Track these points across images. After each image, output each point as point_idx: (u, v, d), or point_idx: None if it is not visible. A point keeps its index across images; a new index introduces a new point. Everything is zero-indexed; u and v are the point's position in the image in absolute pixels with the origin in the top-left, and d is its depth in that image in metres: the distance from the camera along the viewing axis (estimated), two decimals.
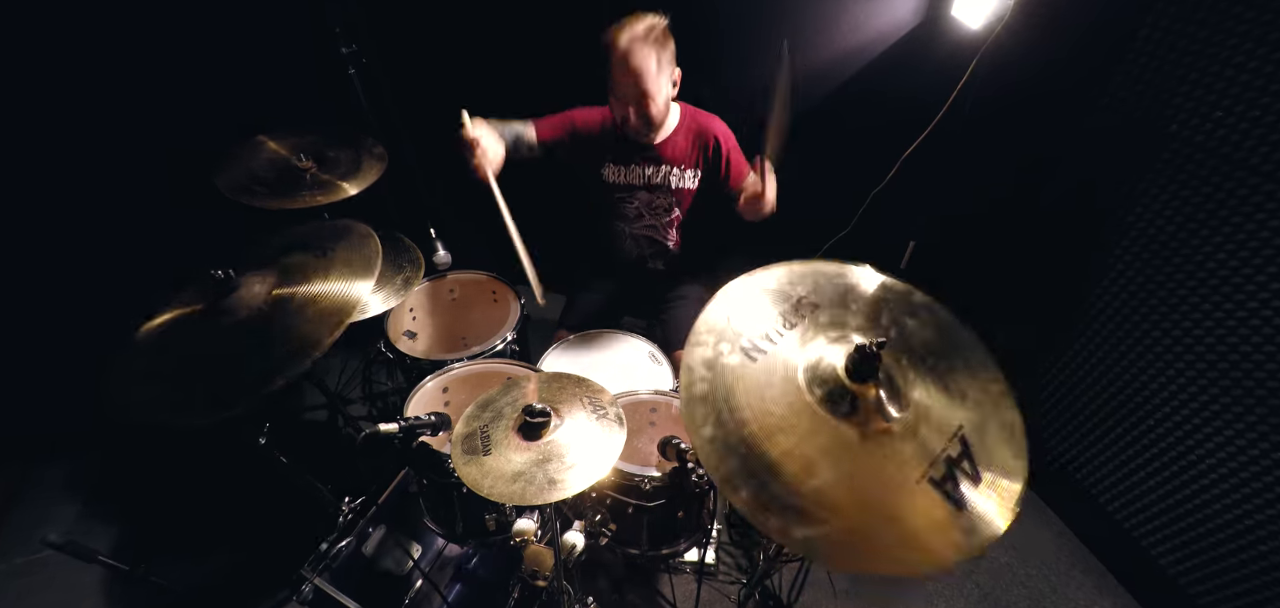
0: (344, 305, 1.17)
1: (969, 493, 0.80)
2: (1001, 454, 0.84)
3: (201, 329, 1.18)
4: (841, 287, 1.06)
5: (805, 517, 0.77)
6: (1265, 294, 1.42)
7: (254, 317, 1.17)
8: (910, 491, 0.80)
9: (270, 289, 1.22)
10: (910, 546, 0.77)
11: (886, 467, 0.82)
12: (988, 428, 0.87)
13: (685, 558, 1.81)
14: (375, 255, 1.29)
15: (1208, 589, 1.65)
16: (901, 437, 0.85)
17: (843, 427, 0.85)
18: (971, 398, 0.91)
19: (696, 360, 0.93)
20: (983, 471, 0.82)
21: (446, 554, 1.53)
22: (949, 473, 0.81)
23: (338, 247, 1.34)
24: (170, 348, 1.18)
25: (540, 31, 2.26)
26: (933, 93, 1.94)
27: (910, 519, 0.78)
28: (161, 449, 2.20)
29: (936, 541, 0.77)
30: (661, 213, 1.82)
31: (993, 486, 0.81)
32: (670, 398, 1.50)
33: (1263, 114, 1.37)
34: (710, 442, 0.84)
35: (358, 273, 1.25)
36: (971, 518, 0.78)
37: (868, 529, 0.78)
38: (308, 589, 1.31)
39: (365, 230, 1.38)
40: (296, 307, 1.18)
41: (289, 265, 1.28)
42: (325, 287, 1.22)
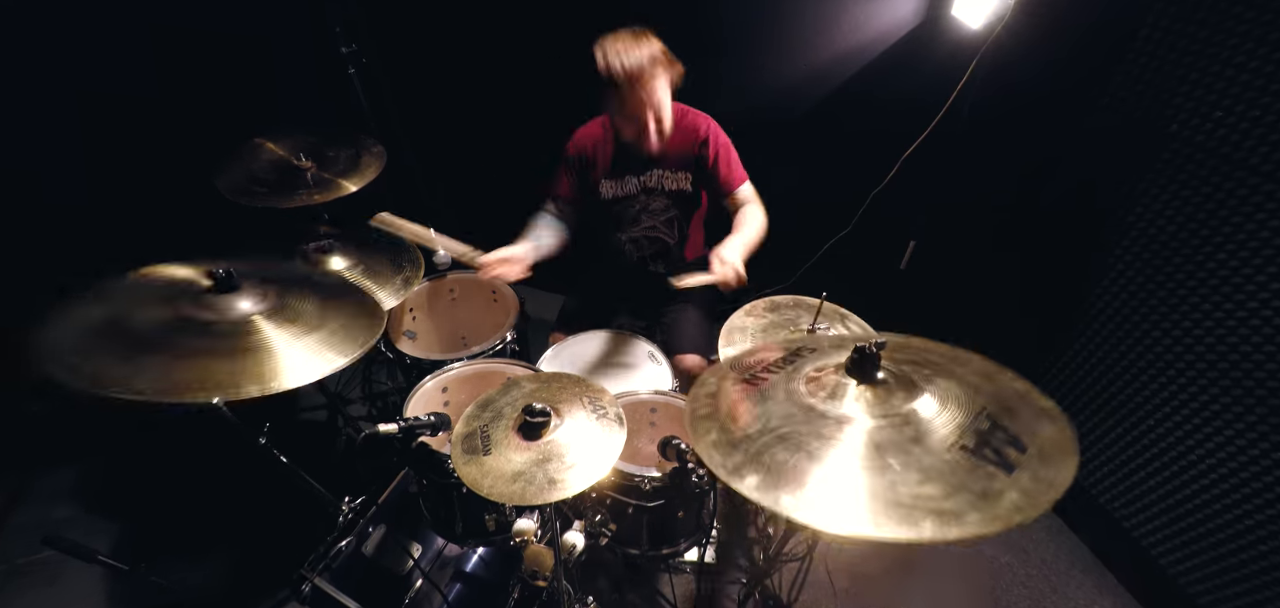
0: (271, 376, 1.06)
1: (1013, 456, 0.76)
2: (1042, 425, 0.81)
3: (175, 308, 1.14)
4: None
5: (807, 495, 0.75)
6: (1265, 294, 1.42)
7: (223, 325, 1.13)
8: (944, 465, 0.75)
9: (255, 311, 1.17)
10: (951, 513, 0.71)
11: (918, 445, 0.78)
12: (1019, 412, 0.83)
13: (685, 558, 1.81)
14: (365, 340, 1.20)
15: (1208, 589, 1.65)
16: (921, 425, 0.82)
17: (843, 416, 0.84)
18: (986, 388, 0.88)
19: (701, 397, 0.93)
20: (1023, 438, 0.79)
21: (446, 554, 1.53)
22: (982, 442, 0.78)
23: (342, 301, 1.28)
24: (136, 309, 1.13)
25: (540, 31, 2.26)
26: (933, 93, 1.94)
27: (945, 487, 0.73)
28: (162, 450, 2.20)
29: (981, 506, 0.71)
30: (659, 214, 1.82)
31: (1039, 448, 0.77)
32: (670, 398, 1.50)
33: (1263, 114, 1.37)
34: (713, 445, 0.84)
35: (337, 344, 1.17)
36: (1024, 478, 0.73)
37: (900, 499, 0.72)
38: (308, 589, 1.31)
39: (377, 310, 1.30)
40: (255, 344, 1.11)
41: (289, 304, 1.22)
42: (298, 338, 1.15)
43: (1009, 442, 0.78)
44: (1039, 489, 0.72)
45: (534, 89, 2.39)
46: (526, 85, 2.41)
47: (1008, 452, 0.77)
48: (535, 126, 2.22)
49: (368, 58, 2.11)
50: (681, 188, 1.76)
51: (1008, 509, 0.70)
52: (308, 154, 1.73)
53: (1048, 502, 0.71)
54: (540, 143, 1.90)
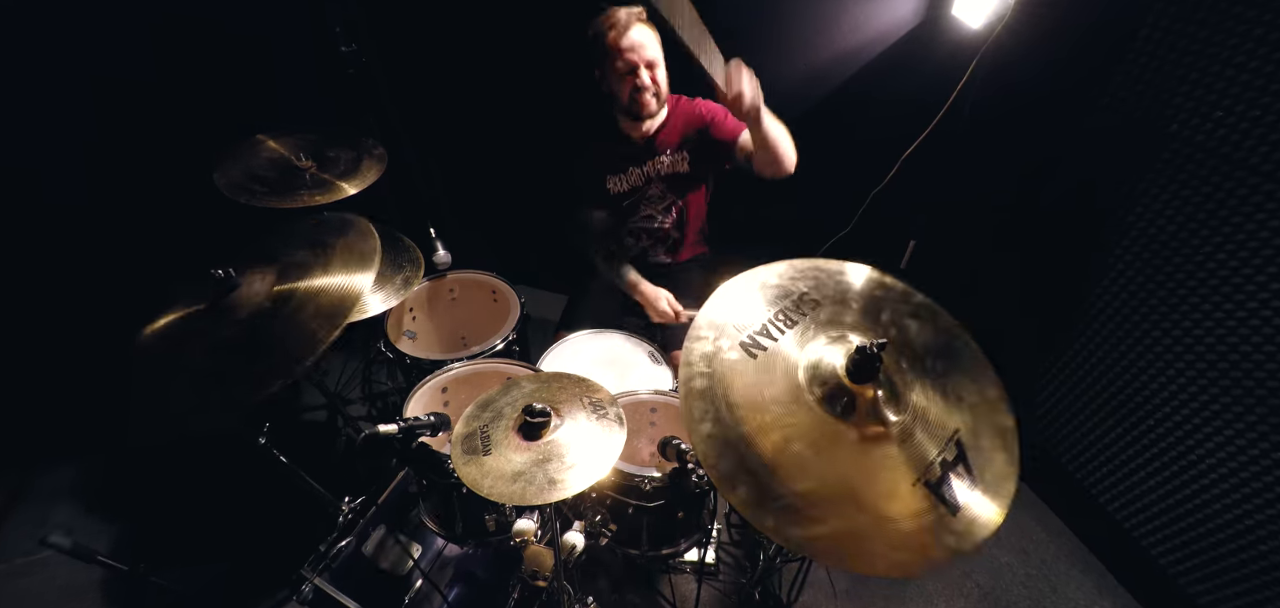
0: (345, 299, 1.16)
1: (963, 495, 0.81)
2: (996, 459, 0.86)
3: (204, 330, 1.18)
4: (842, 285, 1.06)
5: (800, 516, 0.78)
6: (1265, 294, 1.42)
7: (256, 315, 1.17)
8: (905, 494, 0.80)
9: (271, 286, 1.21)
10: (904, 547, 0.77)
11: (882, 469, 0.82)
12: (982, 432, 0.88)
13: (685, 558, 1.81)
14: (373, 249, 1.29)
15: (1208, 589, 1.65)
16: (898, 439, 0.85)
17: (841, 427, 0.85)
18: (968, 402, 0.91)
19: (696, 355, 0.93)
20: (977, 474, 0.83)
21: (446, 554, 1.52)
22: (944, 477, 0.82)
23: (337, 241, 1.33)
24: (176, 354, 1.17)
25: (541, 30, 2.25)
26: (933, 93, 1.94)
27: (904, 521, 0.79)
28: (161, 450, 2.19)
29: (929, 541, 0.77)
30: (656, 201, 1.83)
31: (986, 489, 0.82)
32: (670, 398, 1.50)
33: (1263, 114, 1.37)
34: (708, 438, 0.84)
35: (358, 266, 1.25)
36: (965, 520, 0.79)
37: (862, 530, 0.78)
38: (308, 589, 1.31)
39: (362, 224, 1.38)
40: (298, 303, 1.18)
41: (289, 262, 1.27)
42: (326, 281, 1.22)
43: (965, 477, 0.83)
44: (967, 534, 0.79)
45: (534, 89, 2.39)
46: (527, 85, 2.40)
47: (956, 493, 0.82)
48: (536, 126, 2.22)
49: (368, 58, 2.10)
50: (679, 170, 1.78)
51: (938, 550, 0.77)
52: (308, 153, 1.72)
53: (970, 545, 0.78)
54: (540, 142, 1.90)
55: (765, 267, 1.09)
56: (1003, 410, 0.91)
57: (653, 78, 1.58)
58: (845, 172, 2.22)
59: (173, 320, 1.24)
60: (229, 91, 2.20)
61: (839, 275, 1.06)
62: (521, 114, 2.47)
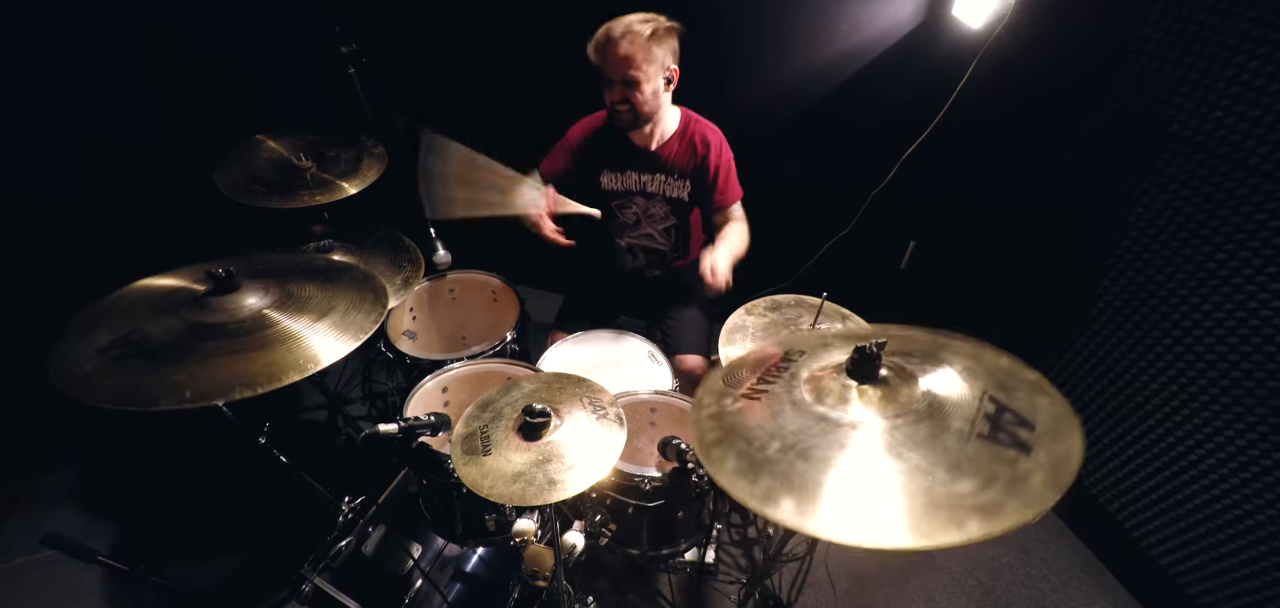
0: (303, 360, 1.09)
1: (1026, 436, 0.74)
2: (1041, 403, 0.79)
3: (183, 316, 1.14)
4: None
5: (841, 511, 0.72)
6: (1265, 294, 1.42)
7: (230, 327, 1.13)
8: (968, 455, 0.74)
9: (263, 306, 1.18)
10: (991, 506, 0.68)
11: (935, 440, 0.76)
12: (1014, 388, 0.82)
13: (685, 558, 1.81)
14: (374, 317, 1.22)
15: (1208, 589, 1.65)
16: (929, 414, 0.80)
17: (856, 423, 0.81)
18: (981, 374, 0.86)
19: (704, 419, 0.90)
20: (1028, 415, 0.77)
21: (446, 554, 1.52)
22: (996, 426, 0.76)
23: (344, 288, 1.28)
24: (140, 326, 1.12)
25: (540, 30, 2.26)
26: (933, 93, 1.94)
27: (979, 479, 0.71)
28: (162, 450, 2.19)
29: (1015, 491, 0.69)
30: (657, 221, 1.82)
31: (1045, 424, 0.76)
32: (670, 398, 1.50)
33: (1263, 114, 1.37)
34: (735, 473, 0.80)
35: (347, 328, 1.19)
36: (1042, 456, 0.72)
37: (943, 500, 0.69)
38: (308, 589, 1.31)
39: (380, 287, 1.31)
40: (276, 337, 1.12)
41: (292, 292, 1.23)
42: (311, 328, 1.16)
43: (1017, 422, 0.76)
44: (1058, 465, 0.70)
45: (535, 88, 2.39)
46: (527, 84, 2.41)
47: (1020, 432, 0.75)
48: (536, 126, 2.21)
49: (368, 58, 2.10)
50: (680, 197, 1.76)
51: (1040, 491, 0.68)
52: (307, 153, 1.72)
53: (1070, 476, 0.69)
54: (541, 142, 1.90)
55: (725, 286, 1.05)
56: (1023, 367, 0.86)
57: (625, 97, 1.55)
58: (845, 171, 2.22)
59: (164, 286, 1.22)
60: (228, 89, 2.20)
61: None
62: (522, 113, 2.47)
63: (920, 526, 0.67)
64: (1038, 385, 0.83)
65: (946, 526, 0.66)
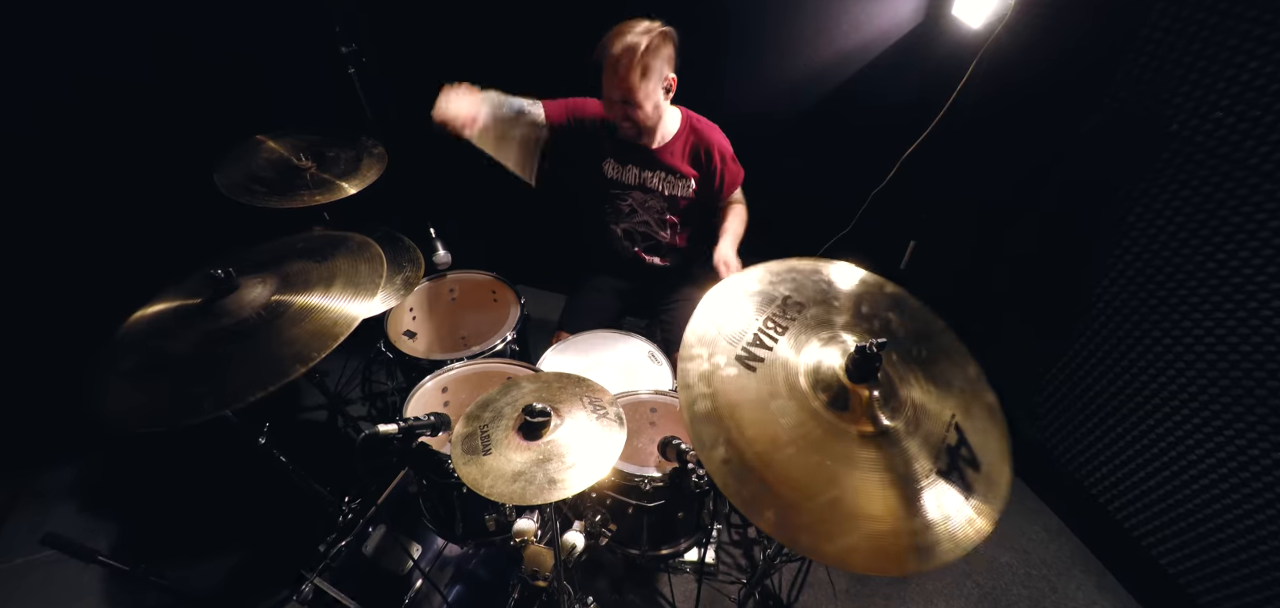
0: (340, 321, 1.13)
1: (972, 478, 0.82)
2: (992, 436, 0.88)
3: (196, 327, 1.16)
4: (821, 283, 1.06)
5: (833, 528, 0.76)
6: (1265, 294, 1.42)
7: (251, 321, 1.15)
8: (923, 487, 0.80)
9: (270, 294, 1.20)
10: (934, 537, 0.77)
11: (901, 467, 0.82)
12: (974, 411, 0.89)
13: (685, 558, 1.81)
14: (379, 270, 1.26)
15: (1208, 589, 1.65)
16: (908, 435, 0.84)
17: (852, 431, 0.85)
18: (956, 386, 0.92)
19: (694, 376, 0.90)
20: (979, 455, 0.84)
21: (446, 554, 1.52)
22: (953, 463, 0.82)
23: (338, 255, 1.31)
24: (162, 345, 1.15)
25: (540, 30, 2.25)
26: (933, 93, 1.94)
27: (930, 513, 0.78)
28: (161, 450, 2.19)
29: (953, 528, 0.78)
30: (655, 214, 1.82)
31: (989, 467, 0.84)
32: (670, 398, 1.50)
33: (1263, 114, 1.37)
34: (724, 464, 0.81)
35: (360, 288, 1.22)
36: (979, 501, 0.80)
37: (898, 531, 0.77)
38: (308, 589, 1.31)
39: (367, 243, 1.35)
40: (293, 316, 1.15)
41: (291, 272, 1.25)
42: (325, 299, 1.19)
43: (969, 460, 0.84)
44: (986, 508, 0.80)
45: (535, 88, 2.39)
46: (527, 84, 2.40)
47: (968, 473, 0.83)
48: None
49: (368, 58, 2.10)
50: (686, 195, 1.77)
51: (967, 532, 0.77)
52: (307, 154, 1.72)
53: (990, 525, 0.78)
54: None
55: (741, 274, 1.09)
56: (985, 387, 0.93)
57: (627, 116, 1.59)
58: (845, 172, 2.22)
59: (164, 310, 1.23)
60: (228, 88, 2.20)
61: (815, 275, 1.06)
62: None
63: (871, 560, 0.76)
64: (992, 410, 0.91)
65: (888, 560, 0.76)
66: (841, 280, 1.08)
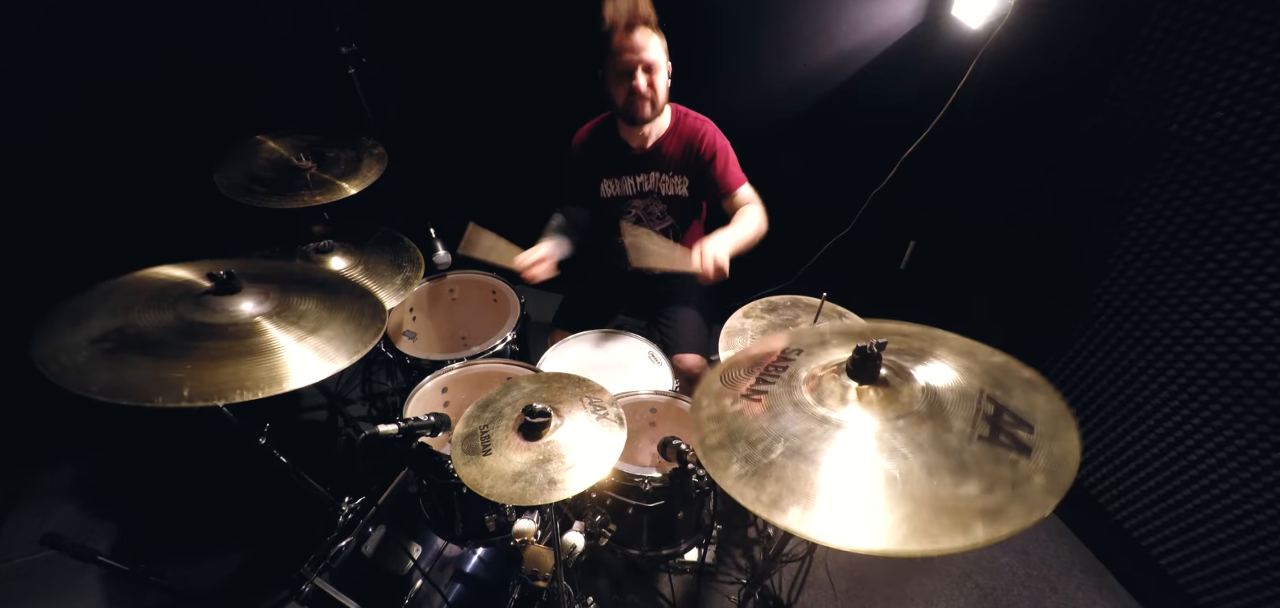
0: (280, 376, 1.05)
1: (1026, 438, 0.75)
2: (1038, 401, 0.80)
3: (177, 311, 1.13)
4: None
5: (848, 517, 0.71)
6: (1265, 294, 1.42)
7: (226, 328, 1.12)
8: (970, 457, 0.73)
9: (259, 312, 1.16)
10: (996, 509, 0.68)
11: (938, 443, 0.76)
12: (1011, 388, 0.82)
13: (685, 558, 1.81)
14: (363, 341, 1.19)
15: (1208, 589, 1.65)
16: (931, 415, 0.80)
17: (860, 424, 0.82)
18: (977, 371, 0.87)
19: (704, 418, 0.89)
20: (1027, 416, 0.77)
21: (446, 554, 1.52)
22: (995, 428, 0.76)
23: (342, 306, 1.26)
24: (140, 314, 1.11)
25: (540, 30, 2.26)
26: (933, 93, 1.94)
27: (982, 483, 0.71)
28: (161, 450, 2.20)
29: (1018, 495, 0.69)
30: (656, 220, 1.82)
31: (1046, 425, 0.76)
32: (670, 398, 1.50)
33: (1263, 114, 1.37)
34: (740, 479, 0.78)
35: (340, 344, 1.16)
36: (1042, 458, 0.72)
37: (949, 504, 0.69)
38: (308, 589, 1.31)
39: (379, 306, 1.29)
40: (255, 345, 1.10)
41: (290, 301, 1.21)
42: (300, 343, 1.13)
43: (1016, 423, 0.76)
44: (1057, 467, 0.71)
45: (535, 88, 2.39)
46: (527, 84, 2.41)
47: (1019, 434, 0.75)
48: (536, 126, 2.22)
49: (368, 58, 2.11)
50: (679, 193, 1.76)
51: (1040, 494, 0.68)
52: (307, 154, 1.72)
53: (1068, 478, 0.69)
54: (541, 141, 1.90)
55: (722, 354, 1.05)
56: (1018, 365, 0.86)
57: (650, 83, 1.55)
58: (845, 172, 2.22)
59: (166, 278, 1.22)
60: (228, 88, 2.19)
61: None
62: (522, 113, 2.48)
63: (928, 530, 0.66)
64: (1034, 384, 0.84)
65: (952, 531, 0.66)
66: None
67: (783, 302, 1.63)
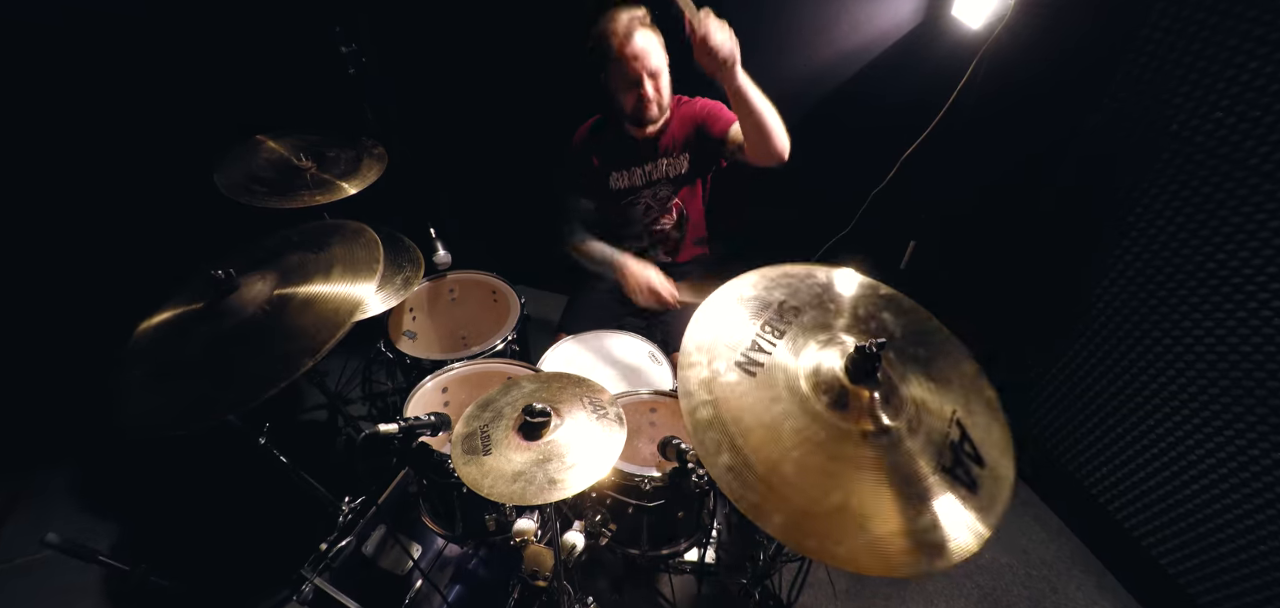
0: (344, 305, 1.15)
1: (976, 474, 0.82)
2: (993, 430, 0.88)
3: (202, 330, 1.17)
4: (815, 287, 1.06)
5: (841, 533, 0.76)
6: (1265, 294, 1.42)
7: (257, 317, 1.16)
8: (929, 486, 0.80)
9: (272, 288, 1.21)
10: (937, 536, 0.76)
11: (906, 465, 0.81)
12: (975, 407, 0.89)
13: (685, 558, 1.81)
14: (375, 253, 1.28)
15: (1208, 589, 1.65)
16: (910, 434, 0.84)
17: (855, 430, 0.84)
18: (955, 383, 0.92)
19: (694, 383, 0.90)
20: (983, 451, 0.84)
21: (446, 554, 1.52)
22: (957, 460, 0.82)
23: (334, 244, 1.32)
24: (172, 352, 1.16)
25: (540, 30, 2.25)
26: (933, 93, 1.94)
27: (934, 512, 0.78)
28: (162, 450, 2.19)
29: (957, 528, 0.77)
30: (663, 204, 1.84)
31: (993, 463, 0.84)
32: (670, 398, 1.50)
33: (1263, 114, 1.37)
34: (729, 470, 0.80)
35: (359, 271, 1.24)
36: (984, 497, 0.80)
37: (901, 531, 0.76)
38: (308, 589, 1.31)
39: (360, 228, 1.36)
40: (298, 306, 1.17)
41: (289, 265, 1.26)
42: (326, 287, 1.21)
43: (973, 456, 0.84)
44: (992, 506, 0.79)
45: (535, 88, 2.39)
46: (528, 84, 2.41)
47: (973, 469, 0.83)
48: (537, 126, 2.22)
49: (368, 58, 2.10)
50: (681, 171, 1.78)
51: (971, 533, 0.77)
52: (307, 153, 1.73)
53: (996, 519, 0.78)
54: (542, 141, 1.90)
55: (736, 280, 1.08)
56: (985, 383, 0.93)
57: (656, 87, 1.59)
58: (845, 172, 2.22)
59: (168, 318, 1.23)
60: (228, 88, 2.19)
61: (810, 279, 1.05)
62: (522, 113, 2.47)
63: (879, 561, 0.74)
64: (991, 405, 0.91)
65: (897, 562, 0.74)
66: (837, 284, 1.07)
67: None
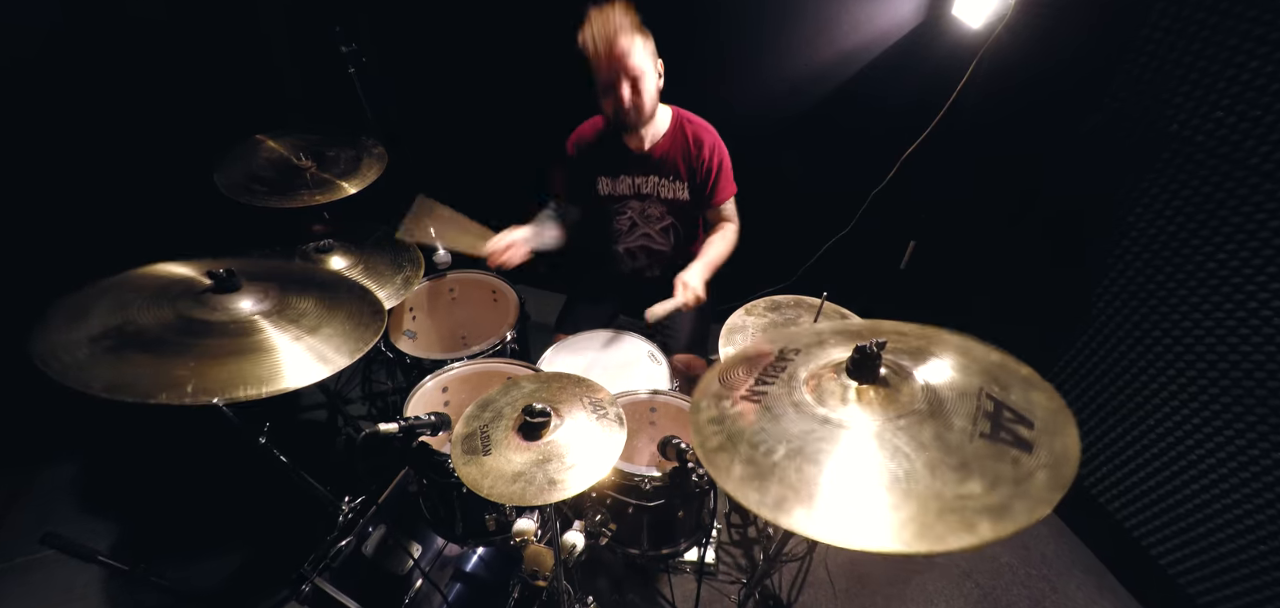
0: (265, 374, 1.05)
1: (1027, 433, 0.74)
2: (1037, 398, 0.80)
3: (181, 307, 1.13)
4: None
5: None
6: (1265, 294, 1.42)
7: (225, 326, 1.12)
8: (972, 455, 0.73)
9: (256, 311, 1.17)
10: (1000, 507, 0.68)
11: (940, 441, 0.75)
12: (1010, 386, 0.82)
13: (685, 558, 1.81)
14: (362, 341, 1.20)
15: (1208, 589, 1.65)
16: (932, 414, 0.79)
17: None
18: (976, 370, 0.87)
19: (703, 420, 0.89)
20: (1026, 412, 0.77)
21: (446, 554, 1.52)
22: (996, 425, 0.76)
23: (341, 304, 1.26)
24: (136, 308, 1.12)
25: (539, 30, 2.26)
26: (933, 93, 1.94)
27: (985, 480, 0.70)
28: (161, 449, 2.19)
29: (1021, 492, 0.69)
30: (654, 221, 1.81)
31: (1043, 421, 0.76)
32: (670, 398, 1.50)
33: (1263, 114, 1.37)
34: (743, 480, 0.77)
35: (335, 347, 1.16)
36: (1043, 454, 0.72)
37: (951, 505, 0.69)
38: (308, 589, 1.31)
39: (378, 308, 1.30)
40: (259, 344, 1.11)
41: (290, 303, 1.22)
42: (296, 340, 1.14)
43: (1016, 419, 0.76)
44: (1059, 463, 0.70)
45: (535, 88, 2.39)
46: (528, 84, 2.41)
47: (1020, 430, 0.75)
48: (535, 126, 2.22)
49: (368, 58, 2.11)
50: (680, 198, 1.75)
51: (1044, 490, 0.68)
52: (307, 153, 1.73)
53: (1070, 473, 0.69)
54: (541, 141, 1.90)
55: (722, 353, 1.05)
56: (1014, 362, 0.87)
57: (635, 91, 1.51)
58: (845, 172, 2.22)
59: (166, 276, 1.22)
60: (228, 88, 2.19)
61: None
62: (522, 113, 2.48)
63: (934, 530, 0.66)
64: (1031, 381, 0.84)
65: (958, 530, 0.65)
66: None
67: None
